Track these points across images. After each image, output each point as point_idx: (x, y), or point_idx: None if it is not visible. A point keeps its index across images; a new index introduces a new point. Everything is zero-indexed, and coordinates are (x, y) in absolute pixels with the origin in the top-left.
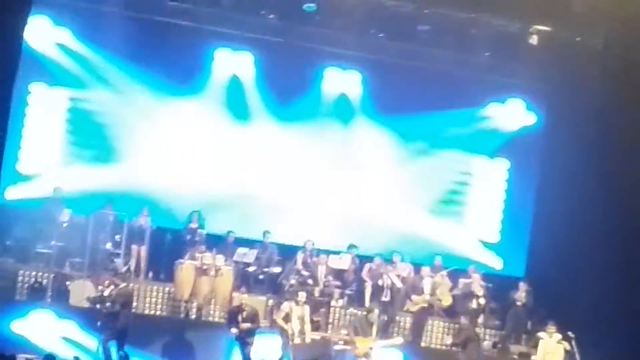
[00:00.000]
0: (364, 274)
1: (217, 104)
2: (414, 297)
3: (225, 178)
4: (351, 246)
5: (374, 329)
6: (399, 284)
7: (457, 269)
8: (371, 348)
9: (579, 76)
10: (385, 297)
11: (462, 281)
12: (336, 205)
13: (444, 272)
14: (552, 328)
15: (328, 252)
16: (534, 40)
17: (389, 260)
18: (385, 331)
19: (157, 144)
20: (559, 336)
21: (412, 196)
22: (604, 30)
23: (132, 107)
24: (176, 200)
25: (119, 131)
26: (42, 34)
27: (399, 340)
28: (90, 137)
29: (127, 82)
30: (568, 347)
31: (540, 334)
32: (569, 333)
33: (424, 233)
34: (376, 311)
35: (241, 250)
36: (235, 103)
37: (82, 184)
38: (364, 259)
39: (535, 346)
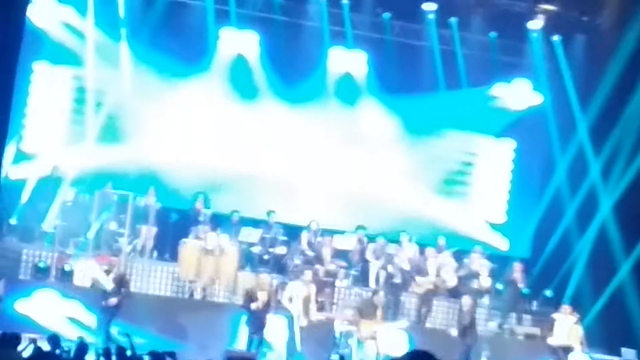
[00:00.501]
0: (368, 254)
1: (223, 83)
2: (418, 278)
3: (231, 157)
4: (359, 227)
5: (379, 312)
6: (406, 267)
7: (461, 249)
8: (376, 331)
9: (585, 56)
10: (396, 279)
11: (467, 262)
12: (341, 185)
13: (448, 253)
14: (567, 309)
15: (333, 232)
16: (540, 19)
17: (394, 241)
18: (391, 313)
19: (162, 123)
20: (575, 317)
21: (417, 176)
22: (610, 10)
23: (136, 86)
24: (181, 180)
25: (123, 110)
26: (45, 11)
27: (404, 323)
28: (94, 116)
29: (131, 61)
30: (574, 328)
31: (555, 315)
32: (575, 314)
33: (430, 213)
34: (381, 293)
35: (246, 230)
36: (241, 82)
37: (87, 163)
38: (369, 240)
39: (551, 328)
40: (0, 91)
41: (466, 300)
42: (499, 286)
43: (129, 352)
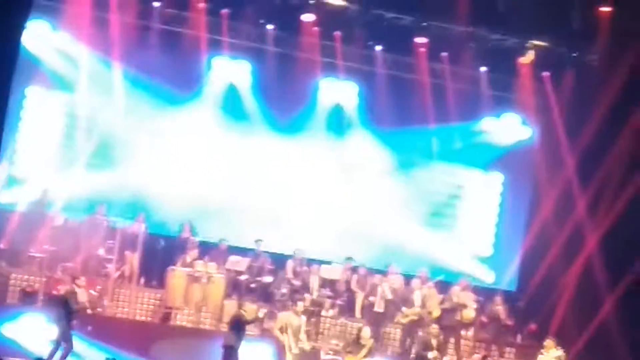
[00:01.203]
0: (352, 284)
1: (214, 112)
2: (404, 309)
3: (220, 186)
4: (348, 258)
5: (364, 351)
6: (389, 296)
7: (445, 280)
8: None
9: (575, 92)
10: (379, 308)
11: (452, 293)
12: (329, 216)
13: (431, 284)
14: (550, 342)
15: (320, 262)
16: (530, 55)
17: (381, 271)
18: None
19: (153, 151)
20: (559, 351)
21: (405, 208)
22: (601, 47)
23: (128, 113)
24: (170, 207)
25: (114, 137)
26: (40, 38)
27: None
28: (85, 142)
29: (123, 88)
30: None
31: (541, 349)
32: (558, 348)
33: (417, 245)
34: (367, 332)
35: (233, 258)
36: (232, 111)
37: (77, 188)
38: (353, 269)
39: None
40: None
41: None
42: (484, 319)
43: None
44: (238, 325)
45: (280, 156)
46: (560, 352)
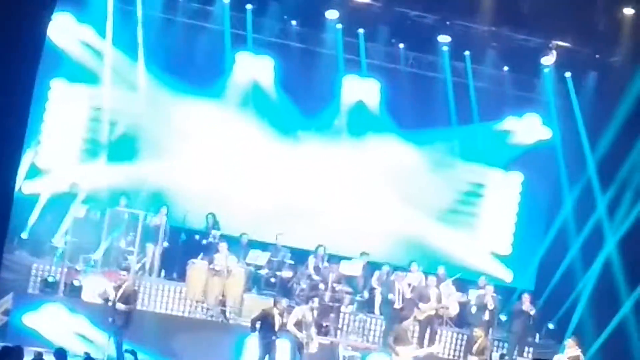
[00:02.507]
0: (374, 280)
1: (236, 106)
2: (421, 305)
3: (241, 180)
4: (363, 253)
5: (412, 337)
6: (408, 294)
7: (462, 278)
8: (415, 357)
9: (597, 93)
10: (397, 305)
11: (473, 292)
12: (350, 212)
13: (449, 281)
14: (570, 342)
15: (339, 258)
16: (553, 55)
17: (401, 268)
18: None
19: (175, 144)
20: (574, 352)
21: (425, 206)
22: (624, 49)
23: (151, 107)
24: (191, 200)
25: (138, 130)
26: (65, 30)
27: (437, 347)
28: (108, 134)
29: (147, 81)
30: None
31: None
32: (577, 347)
33: (435, 242)
34: (410, 319)
35: (254, 252)
36: (254, 107)
37: (100, 180)
38: (374, 266)
39: None
40: (18, 106)
41: (478, 332)
42: (503, 317)
43: None
44: (266, 322)
45: (303, 152)
46: (579, 352)
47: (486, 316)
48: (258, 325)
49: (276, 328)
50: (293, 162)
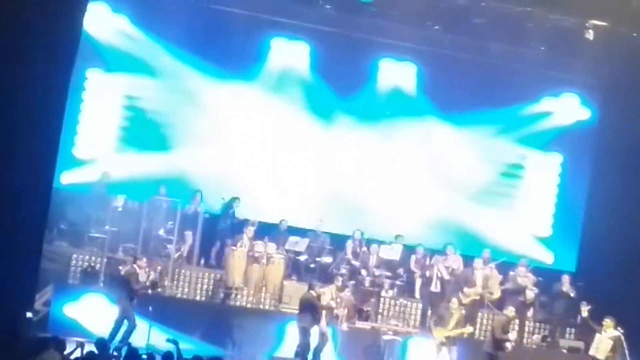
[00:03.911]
0: (412, 264)
1: (272, 92)
2: (466, 289)
3: (279, 166)
4: (398, 236)
5: (453, 322)
6: (446, 276)
7: (506, 261)
8: (447, 337)
9: (635, 72)
10: (435, 289)
11: (512, 274)
12: (387, 196)
13: (493, 265)
14: (608, 322)
15: (378, 242)
16: (590, 35)
17: (439, 252)
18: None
19: (210, 131)
20: (614, 332)
21: (463, 188)
22: None
23: (186, 94)
24: (227, 187)
25: (172, 118)
26: (100, 20)
27: (469, 329)
28: (145, 123)
29: (182, 70)
30: (616, 342)
31: (598, 328)
32: (619, 329)
33: (475, 225)
34: (455, 303)
35: (293, 238)
36: (290, 91)
37: (137, 169)
38: (412, 250)
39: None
40: (55, 97)
41: (511, 314)
42: (544, 299)
43: (175, 358)
44: (311, 307)
45: (339, 136)
46: (618, 332)
47: (521, 298)
48: (303, 311)
49: (318, 311)
50: (329, 147)
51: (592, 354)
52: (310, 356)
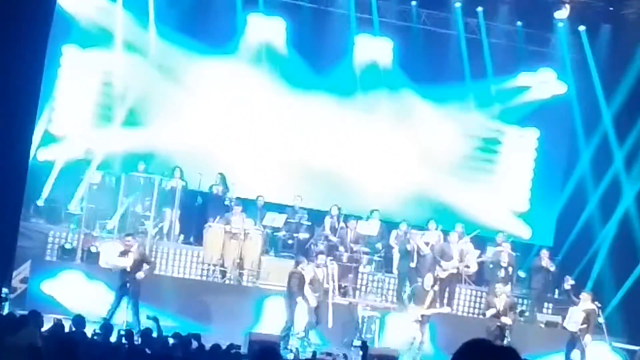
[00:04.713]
0: (392, 240)
1: (248, 67)
2: (443, 263)
3: (256, 141)
4: (373, 211)
5: (428, 301)
6: (425, 250)
7: (480, 234)
8: (422, 315)
9: (611, 46)
10: (412, 263)
11: (490, 249)
12: (364, 172)
13: (467, 239)
14: (585, 295)
15: (356, 217)
16: (566, 9)
17: (419, 227)
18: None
19: (188, 107)
20: (589, 305)
21: (441, 163)
22: (638, 1)
23: (163, 70)
24: (206, 163)
25: (150, 94)
26: None
27: (447, 309)
28: (121, 99)
29: (159, 45)
30: (589, 315)
31: (575, 302)
32: (596, 303)
33: (452, 199)
34: (429, 277)
35: (270, 214)
36: (266, 66)
37: (114, 146)
38: (390, 225)
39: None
40: (30, 74)
41: (500, 289)
42: (522, 274)
43: (154, 334)
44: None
45: (316, 112)
46: (593, 306)
47: (503, 273)
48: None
49: (304, 289)
50: (307, 123)
51: (565, 325)
52: (296, 332)
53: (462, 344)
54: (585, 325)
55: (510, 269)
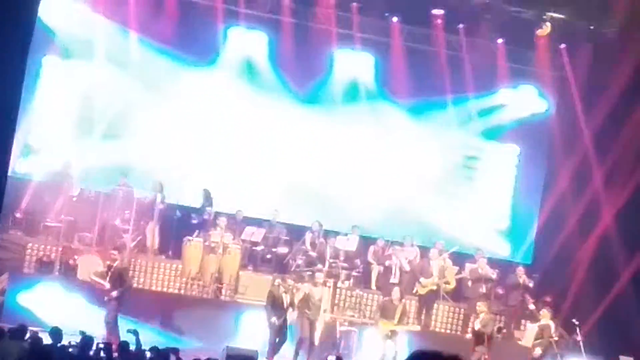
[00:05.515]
0: (370, 255)
1: (229, 82)
2: (422, 279)
3: (236, 155)
4: (354, 227)
5: (397, 314)
6: (406, 267)
7: (459, 251)
8: (392, 331)
9: (592, 64)
10: (394, 279)
11: (469, 266)
12: (344, 187)
13: (446, 255)
14: (545, 312)
15: (335, 233)
16: (547, 27)
17: (397, 243)
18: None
19: (169, 121)
20: (546, 322)
21: (419, 179)
22: (619, 20)
23: (144, 83)
24: (185, 177)
25: (130, 106)
26: (56, 7)
27: (416, 327)
28: (101, 111)
29: (140, 58)
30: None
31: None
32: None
33: (432, 217)
34: (397, 290)
35: (249, 229)
36: (248, 82)
37: (93, 158)
38: (367, 240)
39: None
40: (9, 85)
41: (482, 307)
42: (500, 291)
43: (132, 347)
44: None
45: (296, 126)
46: (550, 322)
47: (482, 290)
48: (269, 307)
49: (285, 307)
50: (287, 137)
51: (521, 343)
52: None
53: (409, 354)
54: (538, 341)
55: (488, 285)
